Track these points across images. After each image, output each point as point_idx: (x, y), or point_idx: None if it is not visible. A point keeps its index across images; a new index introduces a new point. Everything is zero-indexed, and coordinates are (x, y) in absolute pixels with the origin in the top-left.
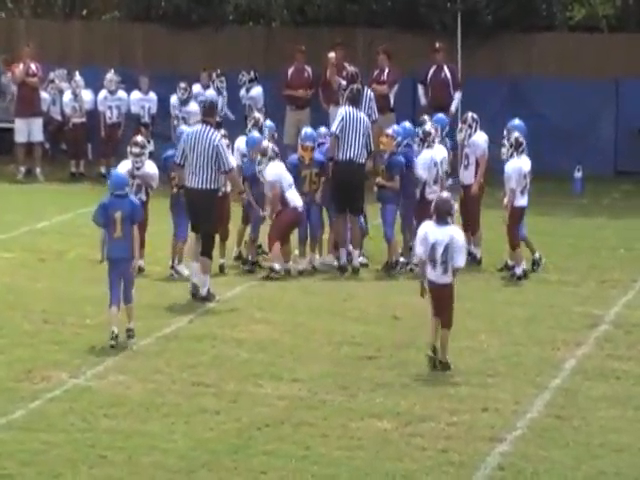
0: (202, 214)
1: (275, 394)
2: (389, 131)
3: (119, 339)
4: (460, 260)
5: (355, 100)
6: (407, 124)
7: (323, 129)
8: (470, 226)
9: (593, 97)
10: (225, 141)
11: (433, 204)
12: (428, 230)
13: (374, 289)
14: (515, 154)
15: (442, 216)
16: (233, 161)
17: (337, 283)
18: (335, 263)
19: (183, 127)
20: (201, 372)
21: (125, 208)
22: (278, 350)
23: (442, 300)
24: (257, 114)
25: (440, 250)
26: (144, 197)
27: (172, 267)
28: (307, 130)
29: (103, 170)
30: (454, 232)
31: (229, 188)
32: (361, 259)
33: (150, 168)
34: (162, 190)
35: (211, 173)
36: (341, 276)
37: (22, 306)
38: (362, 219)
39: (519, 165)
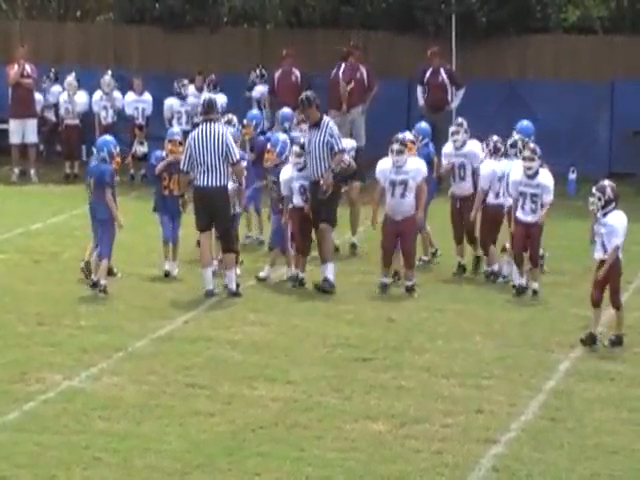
0: (220, 211)
1: (269, 396)
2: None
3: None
4: None
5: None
6: (423, 124)
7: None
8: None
9: (588, 99)
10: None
11: (611, 193)
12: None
13: (369, 291)
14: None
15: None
16: (238, 153)
17: None
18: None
19: (175, 128)
20: (195, 374)
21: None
22: (272, 352)
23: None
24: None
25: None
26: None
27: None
28: None
29: None
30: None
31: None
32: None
33: None
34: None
35: (225, 169)
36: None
37: (16, 308)
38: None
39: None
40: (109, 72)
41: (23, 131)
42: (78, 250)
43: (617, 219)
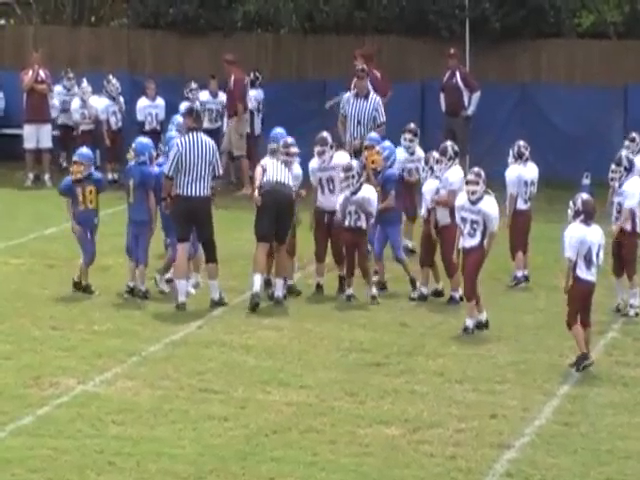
0: (205, 221)
1: (283, 400)
2: (377, 147)
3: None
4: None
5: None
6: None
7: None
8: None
9: (602, 104)
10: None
11: (580, 206)
12: (585, 232)
13: (382, 296)
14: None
15: (591, 216)
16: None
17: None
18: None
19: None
20: (209, 378)
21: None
22: (286, 356)
23: (590, 298)
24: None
25: (596, 250)
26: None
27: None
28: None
29: (111, 176)
30: (601, 231)
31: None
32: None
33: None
34: None
35: (209, 179)
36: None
37: (30, 312)
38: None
39: (519, 172)
40: (110, 76)
41: (37, 136)
42: None
43: (568, 230)
